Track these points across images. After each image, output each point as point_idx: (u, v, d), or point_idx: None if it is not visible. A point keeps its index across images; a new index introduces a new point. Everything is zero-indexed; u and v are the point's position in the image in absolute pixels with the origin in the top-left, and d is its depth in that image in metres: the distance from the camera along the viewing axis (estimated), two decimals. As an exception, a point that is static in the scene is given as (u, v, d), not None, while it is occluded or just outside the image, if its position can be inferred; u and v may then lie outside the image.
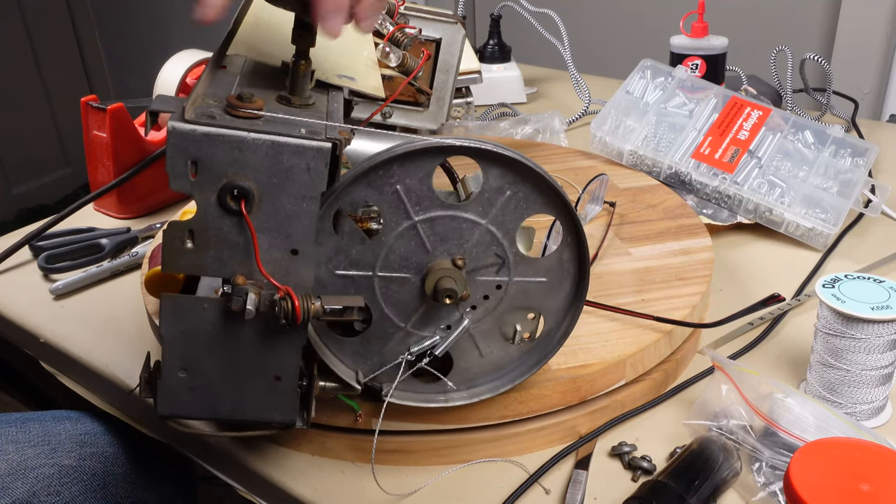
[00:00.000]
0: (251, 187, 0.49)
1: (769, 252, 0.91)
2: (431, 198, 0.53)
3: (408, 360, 0.57)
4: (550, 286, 0.58)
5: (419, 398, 0.59)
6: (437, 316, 0.57)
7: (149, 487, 0.78)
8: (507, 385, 0.60)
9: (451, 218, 0.54)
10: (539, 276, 0.57)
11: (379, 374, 0.58)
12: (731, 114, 0.99)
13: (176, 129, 0.47)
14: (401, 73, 0.75)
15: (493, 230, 0.55)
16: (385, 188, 0.53)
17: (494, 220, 0.54)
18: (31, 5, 2.85)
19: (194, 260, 0.50)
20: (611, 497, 0.59)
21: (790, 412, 0.60)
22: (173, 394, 0.52)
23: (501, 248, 0.56)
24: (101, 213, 1.05)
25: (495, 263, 0.56)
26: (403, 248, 0.54)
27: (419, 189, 0.53)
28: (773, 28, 1.82)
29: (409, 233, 0.54)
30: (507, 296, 0.57)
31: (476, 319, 0.58)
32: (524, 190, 0.54)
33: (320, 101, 0.57)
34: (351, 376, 0.57)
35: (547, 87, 1.50)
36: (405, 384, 0.59)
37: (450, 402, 0.60)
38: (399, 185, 0.53)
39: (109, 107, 0.96)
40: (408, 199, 0.53)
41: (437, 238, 0.54)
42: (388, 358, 0.58)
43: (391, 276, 0.55)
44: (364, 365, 0.58)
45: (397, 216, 0.53)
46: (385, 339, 0.57)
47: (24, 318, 0.84)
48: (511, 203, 0.54)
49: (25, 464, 0.71)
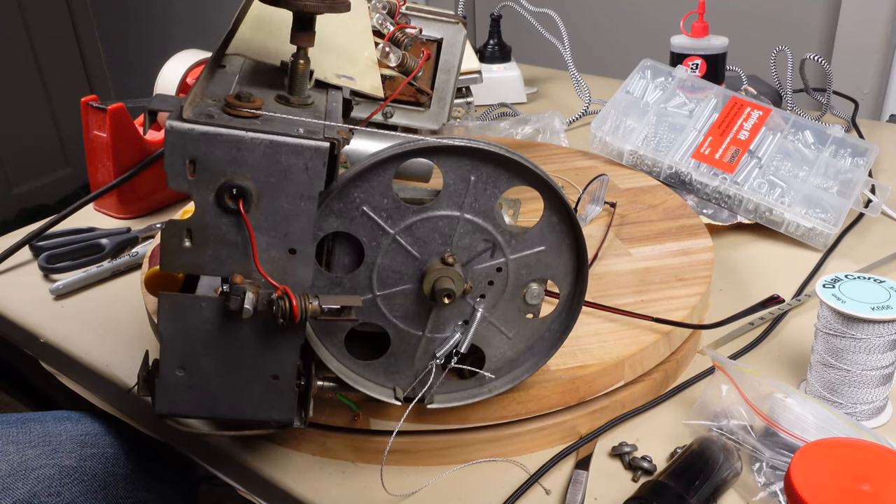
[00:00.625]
0: (249, 186, 0.48)
1: (769, 252, 0.91)
2: (400, 207, 0.53)
3: (438, 365, 0.57)
4: (550, 251, 0.57)
5: (462, 396, 0.60)
6: (451, 314, 0.57)
7: (149, 488, 0.78)
8: (543, 360, 0.60)
9: (426, 220, 0.54)
10: (536, 246, 0.57)
11: (415, 384, 0.58)
12: (731, 114, 0.99)
13: (174, 128, 0.47)
14: (400, 73, 0.75)
15: (471, 218, 0.54)
16: (352, 213, 0.53)
17: (469, 208, 0.54)
18: (31, 5, 2.86)
19: (192, 259, 0.50)
20: (611, 497, 0.59)
21: (790, 412, 0.59)
22: (171, 392, 0.52)
23: (487, 232, 0.55)
24: (101, 213, 1.05)
25: (486, 249, 0.56)
26: (392, 263, 0.55)
27: (384, 203, 0.53)
28: (773, 28, 1.82)
29: (393, 247, 0.54)
30: (510, 275, 0.57)
31: (490, 306, 0.57)
32: (487, 170, 0.54)
33: (319, 101, 0.57)
34: (389, 394, 0.58)
35: (547, 87, 1.50)
36: (445, 386, 0.59)
37: (494, 392, 0.60)
38: (364, 206, 0.53)
39: (109, 107, 0.96)
40: (377, 215, 0.53)
41: (421, 243, 0.54)
42: (420, 367, 0.58)
43: (391, 293, 0.55)
44: (401, 380, 0.59)
45: (375, 235, 0.54)
46: (411, 351, 0.58)
47: (25, 318, 0.84)
48: (479, 186, 0.54)
49: (26, 464, 0.71)
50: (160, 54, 1.09)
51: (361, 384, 0.57)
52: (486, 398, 0.60)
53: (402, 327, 0.57)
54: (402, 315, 0.56)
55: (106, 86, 3.18)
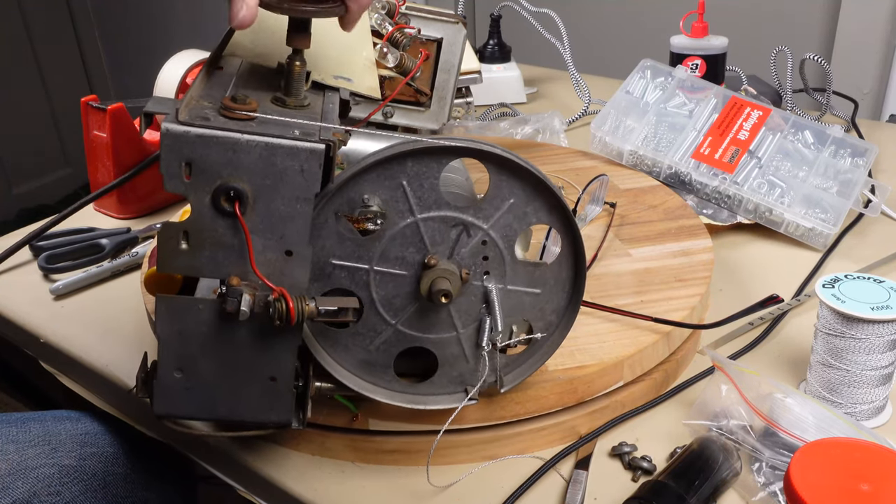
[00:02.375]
0: (245, 189, 0.49)
1: (769, 252, 0.91)
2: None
3: (490, 351, 0.58)
4: (520, 200, 0.56)
5: (528, 367, 0.60)
6: (468, 303, 0.57)
7: (149, 487, 0.78)
8: (543, 359, 0.60)
9: (390, 240, 0.54)
10: (504, 202, 0.55)
11: (485, 377, 0.59)
12: (730, 114, 0.99)
13: (169, 130, 0.47)
14: (399, 73, 0.75)
15: (425, 216, 0.54)
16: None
17: (417, 208, 0.54)
18: (31, 5, 2.86)
19: (189, 261, 0.50)
20: (611, 497, 0.59)
21: (790, 412, 0.59)
22: (169, 394, 0.52)
23: (449, 218, 0.55)
24: (101, 213, 1.05)
25: (460, 232, 0.55)
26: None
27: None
28: (773, 28, 1.82)
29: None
30: (498, 240, 0.56)
31: (500, 276, 0.57)
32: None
33: (316, 103, 0.57)
34: (462, 398, 0.59)
35: (547, 87, 1.50)
36: (508, 367, 0.60)
37: (555, 347, 0.60)
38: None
39: (109, 107, 0.96)
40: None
41: (400, 261, 0.55)
42: (477, 361, 0.59)
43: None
44: (468, 379, 0.59)
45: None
46: (458, 353, 0.58)
47: (24, 318, 0.84)
48: (413, 185, 0.54)
49: (26, 464, 0.71)
50: (160, 54, 1.09)
51: (431, 403, 0.59)
52: (550, 357, 0.60)
53: (435, 338, 0.57)
54: (425, 328, 0.57)
55: (106, 86, 3.18)
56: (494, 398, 0.61)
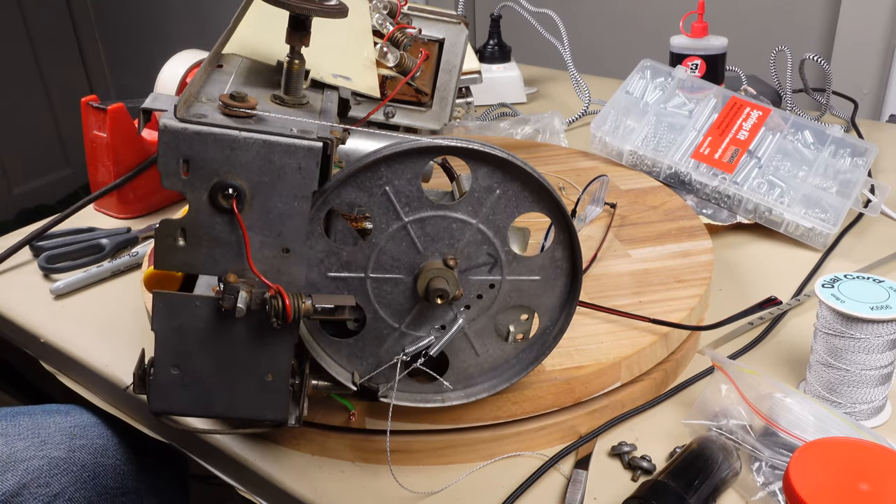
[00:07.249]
0: (243, 186, 0.49)
1: (769, 252, 0.91)
2: (421, 198, 0.53)
3: (403, 361, 0.57)
4: (544, 284, 0.57)
5: (416, 398, 0.59)
6: (432, 316, 0.57)
7: (139, 478, 0.78)
8: (503, 384, 0.60)
9: (441, 218, 0.54)
10: (532, 274, 0.57)
11: (375, 374, 0.58)
12: (730, 114, 0.99)
13: (167, 127, 0.47)
14: (399, 73, 0.75)
15: (483, 229, 0.55)
16: (374, 189, 0.53)
17: (485, 219, 0.54)
18: (31, 5, 2.86)
19: (186, 258, 0.50)
20: (611, 497, 0.59)
21: (790, 412, 0.59)
22: (166, 391, 0.52)
23: (493, 247, 0.55)
24: (101, 213, 1.05)
25: (487, 263, 0.56)
26: (395, 249, 0.54)
27: (408, 190, 0.53)
28: (773, 28, 1.82)
29: (400, 234, 0.54)
30: (500, 294, 0.57)
31: (470, 318, 0.58)
32: (514, 188, 0.54)
33: (314, 101, 0.57)
34: (347, 377, 0.57)
35: (547, 87, 1.50)
36: (402, 384, 0.59)
37: (447, 402, 0.59)
38: (388, 187, 0.53)
39: (109, 107, 0.96)
40: (397, 200, 0.53)
41: (428, 238, 0.54)
42: (384, 359, 0.58)
43: (383, 278, 0.55)
44: (360, 366, 0.58)
45: (387, 217, 0.53)
46: (380, 340, 0.57)
47: (25, 318, 0.84)
48: (501, 202, 0.54)
49: (15, 456, 0.71)
50: (160, 54, 1.09)
51: (324, 360, 0.57)
52: (437, 406, 0.59)
53: (381, 315, 0.56)
54: (385, 303, 0.56)
55: (106, 86, 3.18)
56: (489, 399, 0.61)
